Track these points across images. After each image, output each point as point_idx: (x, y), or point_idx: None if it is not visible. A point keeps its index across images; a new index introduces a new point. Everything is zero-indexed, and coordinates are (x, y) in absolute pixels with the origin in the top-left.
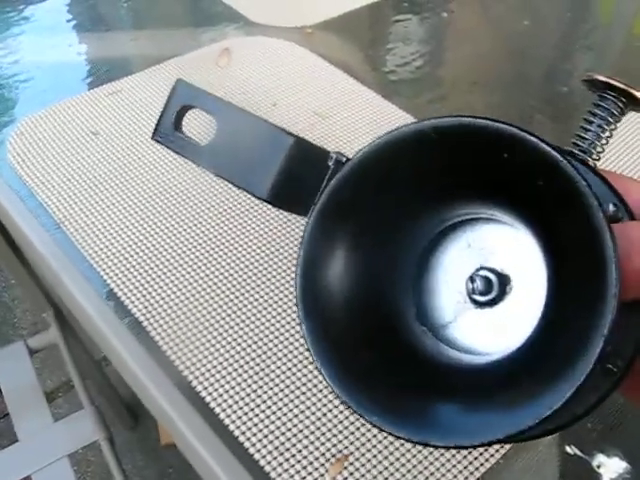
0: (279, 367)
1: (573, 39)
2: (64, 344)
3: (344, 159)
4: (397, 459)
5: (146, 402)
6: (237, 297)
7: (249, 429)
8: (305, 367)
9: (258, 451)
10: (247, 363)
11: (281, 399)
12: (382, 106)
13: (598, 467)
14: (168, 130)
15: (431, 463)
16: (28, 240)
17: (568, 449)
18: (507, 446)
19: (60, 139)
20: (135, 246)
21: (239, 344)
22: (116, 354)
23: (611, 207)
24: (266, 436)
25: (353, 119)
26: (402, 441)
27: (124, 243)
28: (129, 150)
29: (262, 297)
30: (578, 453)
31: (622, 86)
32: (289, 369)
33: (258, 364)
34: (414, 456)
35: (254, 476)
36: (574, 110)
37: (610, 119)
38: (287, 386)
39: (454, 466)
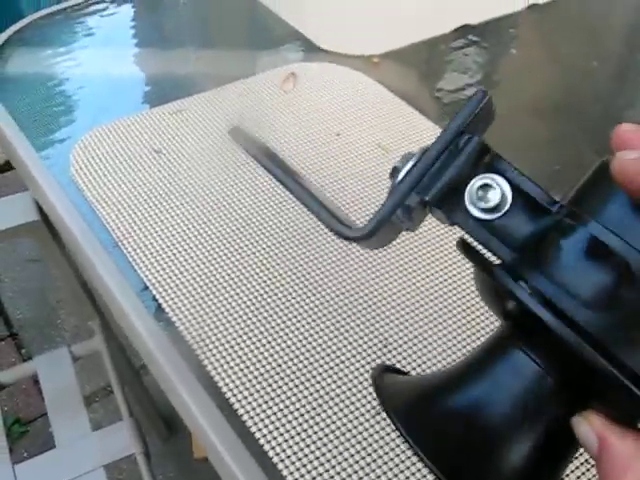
0: (321, 396)
1: None
2: (107, 353)
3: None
4: None
5: (185, 416)
6: (285, 322)
7: (288, 457)
8: (353, 403)
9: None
10: (290, 390)
11: (322, 429)
12: None
13: None
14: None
15: None
16: (86, 256)
17: None
18: None
19: (122, 155)
20: (192, 270)
21: (283, 370)
22: (163, 372)
23: None
24: (304, 465)
25: None
26: None
27: (180, 267)
28: (191, 170)
29: (315, 321)
30: None
31: None
32: (336, 404)
33: (301, 391)
34: None
35: None
36: None
37: None
38: (330, 416)
39: None
